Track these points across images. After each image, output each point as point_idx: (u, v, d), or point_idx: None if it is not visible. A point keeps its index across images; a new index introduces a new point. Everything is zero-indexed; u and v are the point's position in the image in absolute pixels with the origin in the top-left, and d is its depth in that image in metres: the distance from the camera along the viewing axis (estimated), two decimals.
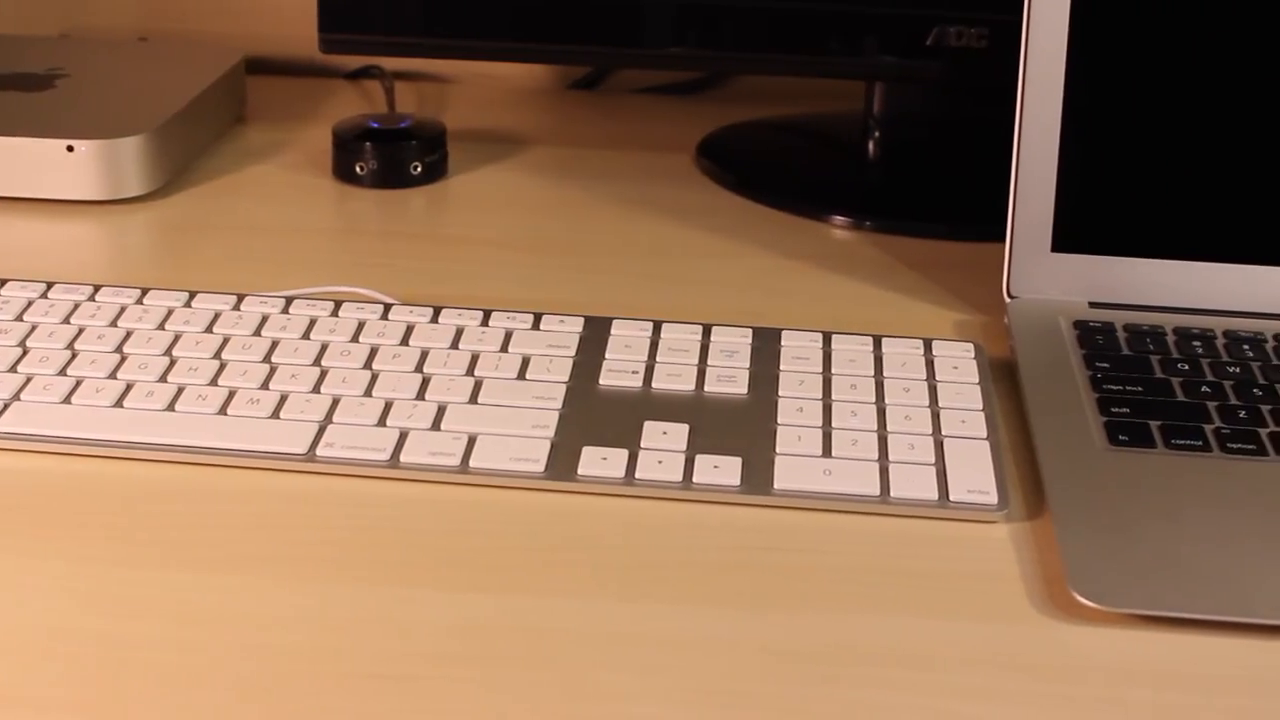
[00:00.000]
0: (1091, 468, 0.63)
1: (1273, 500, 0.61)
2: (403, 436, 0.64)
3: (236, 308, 0.73)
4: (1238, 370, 0.70)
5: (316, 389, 0.67)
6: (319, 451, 0.63)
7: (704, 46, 0.95)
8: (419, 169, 0.94)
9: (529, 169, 0.99)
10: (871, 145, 1.01)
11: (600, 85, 1.18)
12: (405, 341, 0.71)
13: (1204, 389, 0.69)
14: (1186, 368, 0.70)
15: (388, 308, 0.74)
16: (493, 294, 0.79)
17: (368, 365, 0.69)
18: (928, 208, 0.94)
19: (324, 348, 0.70)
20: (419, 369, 0.69)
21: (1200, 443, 0.65)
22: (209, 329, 0.71)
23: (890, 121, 1.00)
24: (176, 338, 0.70)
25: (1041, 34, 0.75)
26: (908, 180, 0.99)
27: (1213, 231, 0.76)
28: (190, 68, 1.01)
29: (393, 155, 0.94)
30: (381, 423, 0.65)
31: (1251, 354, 0.72)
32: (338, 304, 0.74)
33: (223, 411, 0.65)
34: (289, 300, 0.74)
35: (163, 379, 0.67)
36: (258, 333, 0.71)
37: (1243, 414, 0.67)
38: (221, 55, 1.03)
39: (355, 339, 0.71)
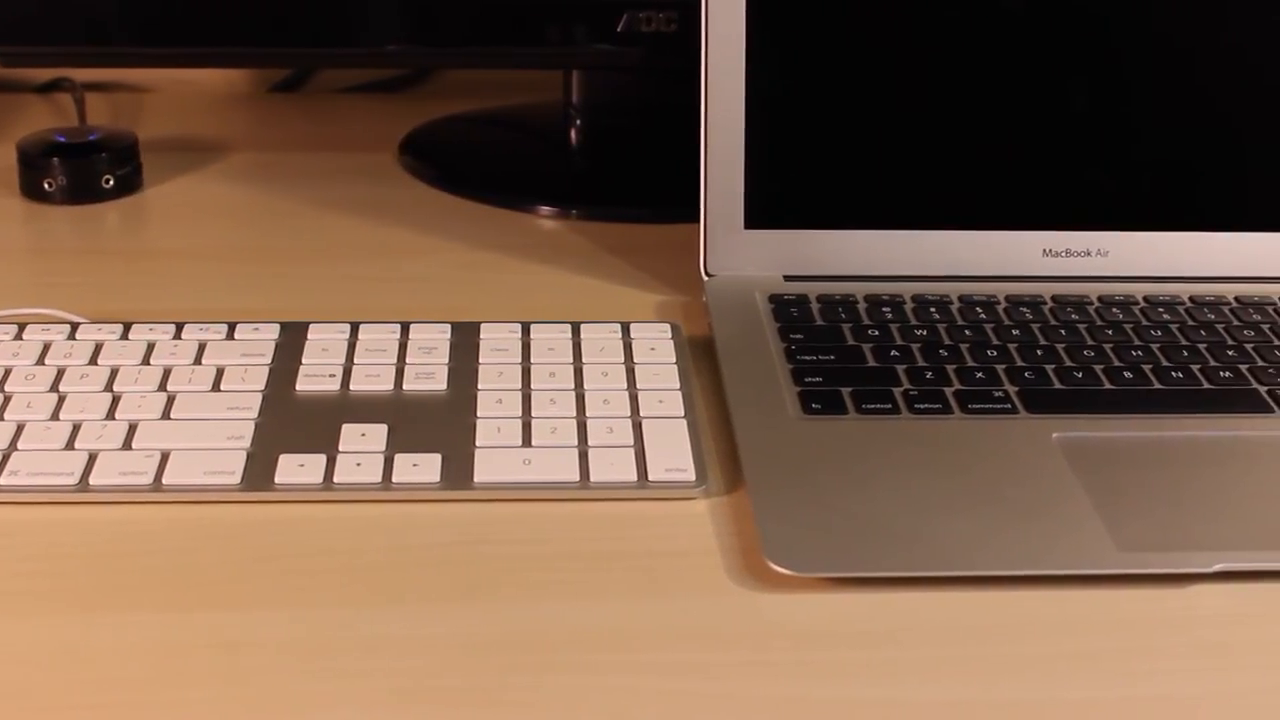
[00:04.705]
0: (786, 438, 0.64)
1: (957, 457, 0.63)
2: (92, 458, 0.62)
3: None
4: (925, 333, 0.72)
5: None
6: (1, 481, 0.61)
7: (401, 43, 0.94)
8: (110, 182, 0.92)
9: (226, 176, 0.97)
10: (573, 134, 1.01)
11: (302, 87, 1.16)
12: (94, 361, 0.69)
13: (893, 353, 0.71)
14: (877, 334, 0.72)
15: (75, 327, 0.71)
16: (188, 306, 0.77)
17: (54, 388, 0.67)
18: (631, 192, 0.95)
19: (7, 373, 0.67)
20: (109, 388, 0.67)
21: (889, 406, 0.67)
22: None
23: (590, 109, 1.00)
24: None
25: (721, 15, 0.76)
26: (610, 166, 1.00)
27: (897, 201, 0.79)
28: None
29: (82, 169, 0.91)
30: (69, 446, 0.63)
31: (938, 316, 0.74)
32: (21, 326, 0.71)
33: None
34: None
35: None
36: None
37: (929, 375, 0.69)
38: None
39: (41, 361, 0.68)
